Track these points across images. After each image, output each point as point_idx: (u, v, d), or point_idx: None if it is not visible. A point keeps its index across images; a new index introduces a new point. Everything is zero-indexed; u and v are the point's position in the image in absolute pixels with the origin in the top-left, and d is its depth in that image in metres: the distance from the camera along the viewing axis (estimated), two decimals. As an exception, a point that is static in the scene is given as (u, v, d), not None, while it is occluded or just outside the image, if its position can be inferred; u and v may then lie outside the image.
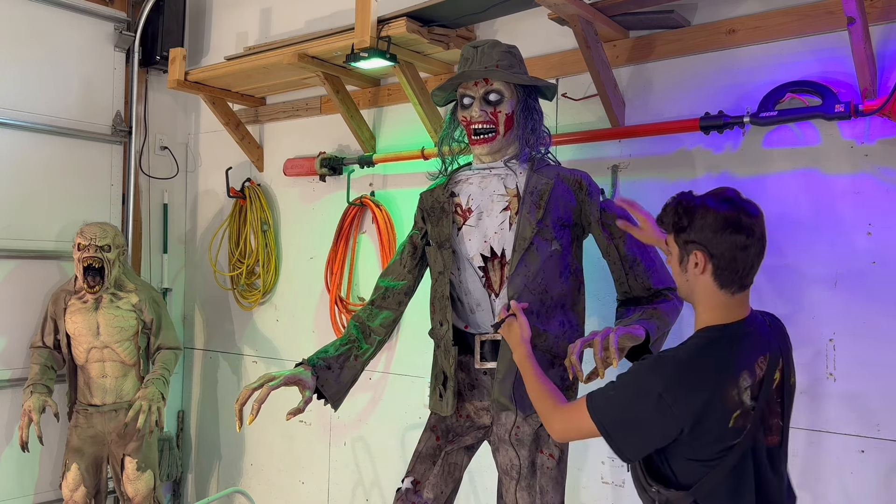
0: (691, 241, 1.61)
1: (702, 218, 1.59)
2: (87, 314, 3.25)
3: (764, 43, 2.33)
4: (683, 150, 2.48)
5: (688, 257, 1.63)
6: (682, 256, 1.65)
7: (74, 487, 3.25)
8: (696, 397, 1.53)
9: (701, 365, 1.57)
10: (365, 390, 3.29)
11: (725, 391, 1.54)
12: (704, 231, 1.58)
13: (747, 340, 1.61)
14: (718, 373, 1.56)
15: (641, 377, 1.60)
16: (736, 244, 1.57)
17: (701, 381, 1.54)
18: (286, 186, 3.65)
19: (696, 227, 1.60)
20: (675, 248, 1.66)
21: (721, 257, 1.58)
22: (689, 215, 1.61)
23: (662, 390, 1.54)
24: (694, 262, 1.61)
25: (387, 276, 2.34)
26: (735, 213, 1.58)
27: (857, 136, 2.18)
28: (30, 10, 3.51)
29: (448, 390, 2.16)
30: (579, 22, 2.34)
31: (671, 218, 1.66)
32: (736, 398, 1.55)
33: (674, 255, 1.67)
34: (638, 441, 1.61)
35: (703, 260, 1.60)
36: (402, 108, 3.19)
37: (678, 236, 1.64)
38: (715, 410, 1.54)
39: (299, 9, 3.55)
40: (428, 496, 2.16)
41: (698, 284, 1.63)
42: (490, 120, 2.13)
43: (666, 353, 1.62)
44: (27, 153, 3.50)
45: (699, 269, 1.61)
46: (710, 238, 1.58)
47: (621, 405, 1.61)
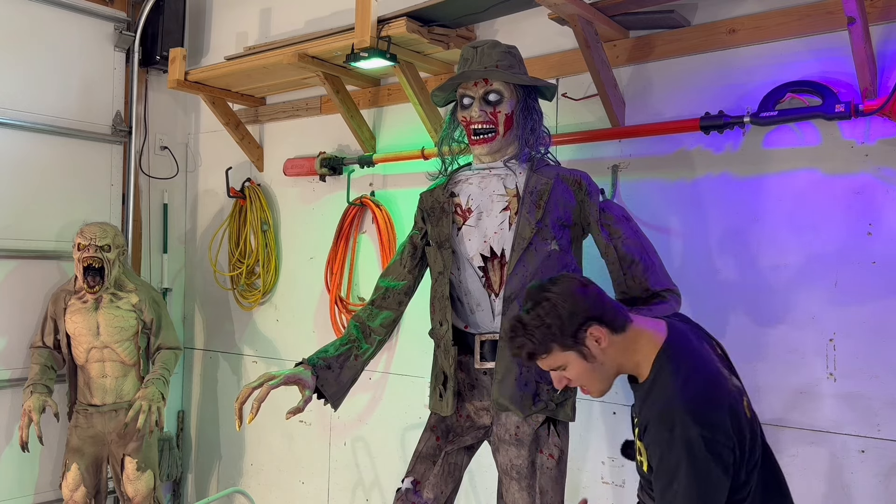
0: (579, 325, 1.52)
1: (571, 305, 1.52)
2: (87, 314, 3.25)
3: (764, 43, 2.33)
4: (683, 150, 2.48)
5: (586, 347, 1.54)
6: (581, 352, 1.54)
7: (74, 487, 3.25)
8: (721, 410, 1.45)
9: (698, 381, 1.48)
10: (365, 390, 3.29)
11: (727, 387, 1.49)
12: (583, 311, 1.52)
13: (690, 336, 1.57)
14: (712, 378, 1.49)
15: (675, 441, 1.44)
16: (596, 295, 1.53)
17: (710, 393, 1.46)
18: (286, 186, 3.65)
19: (576, 312, 1.52)
20: (569, 354, 1.54)
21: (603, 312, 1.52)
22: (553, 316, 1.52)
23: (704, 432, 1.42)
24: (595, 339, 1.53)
25: (387, 276, 2.34)
26: (560, 282, 1.54)
27: (857, 136, 2.18)
28: (30, 10, 3.51)
29: (448, 390, 2.16)
30: (579, 22, 2.34)
31: (538, 339, 1.54)
32: (736, 385, 1.51)
33: (573, 363, 1.55)
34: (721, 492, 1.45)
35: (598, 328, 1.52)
36: (402, 108, 3.19)
37: (557, 344, 1.53)
38: (736, 409, 1.47)
39: (299, 9, 3.55)
40: (428, 496, 2.16)
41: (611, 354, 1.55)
42: (490, 120, 2.13)
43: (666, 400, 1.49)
44: (27, 153, 3.50)
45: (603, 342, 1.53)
46: (581, 308, 1.51)
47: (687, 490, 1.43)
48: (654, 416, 1.51)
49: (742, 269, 2.36)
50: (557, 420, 2.11)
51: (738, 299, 2.36)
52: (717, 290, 2.39)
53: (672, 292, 2.11)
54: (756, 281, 2.33)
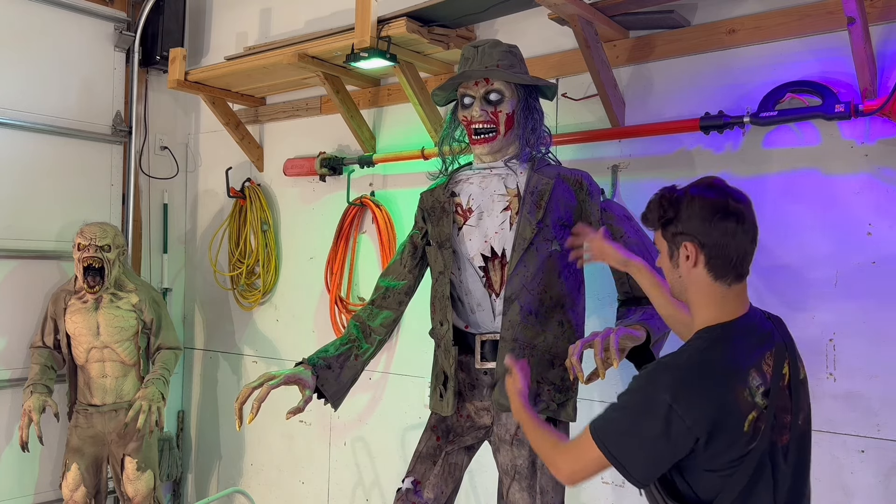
0: (679, 232, 1.52)
1: (688, 207, 1.51)
2: (87, 314, 3.25)
3: (764, 43, 2.33)
4: (683, 150, 2.48)
5: (678, 251, 1.54)
6: (671, 251, 1.56)
7: (74, 487, 3.25)
8: (709, 403, 1.44)
9: (707, 368, 1.47)
10: (365, 390, 3.29)
11: (737, 393, 1.46)
12: (692, 220, 1.50)
13: (751, 337, 1.53)
14: (726, 374, 1.47)
15: (645, 390, 1.48)
16: (727, 231, 1.49)
17: (710, 386, 1.45)
18: (286, 186, 3.64)
19: (683, 218, 1.51)
20: (664, 243, 1.57)
21: (713, 246, 1.49)
22: (675, 206, 1.53)
23: (672, 401, 1.43)
24: (685, 255, 1.52)
25: (387, 275, 2.34)
26: (723, 199, 1.50)
27: (857, 136, 2.18)
28: (30, 10, 3.51)
29: (448, 390, 2.16)
30: (579, 22, 2.34)
31: (656, 212, 1.57)
32: (749, 399, 1.46)
33: (663, 251, 1.58)
34: (651, 461, 1.48)
35: (695, 251, 1.51)
36: (402, 108, 3.19)
37: (665, 230, 1.55)
38: (729, 415, 1.45)
39: (299, 9, 3.55)
40: (428, 496, 2.16)
41: (692, 279, 1.54)
42: (490, 120, 2.13)
43: (665, 360, 1.52)
44: (27, 153, 3.50)
45: (691, 261, 1.52)
46: (699, 227, 1.49)
47: (627, 425, 1.49)
48: (661, 360, 1.53)
49: (742, 269, 2.35)
50: (558, 420, 2.11)
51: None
52: (718, 290, 2.39)
53: (674, 292, 2.12)
54: (756, 281, 2.33)
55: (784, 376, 1.53)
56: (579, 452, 1.55)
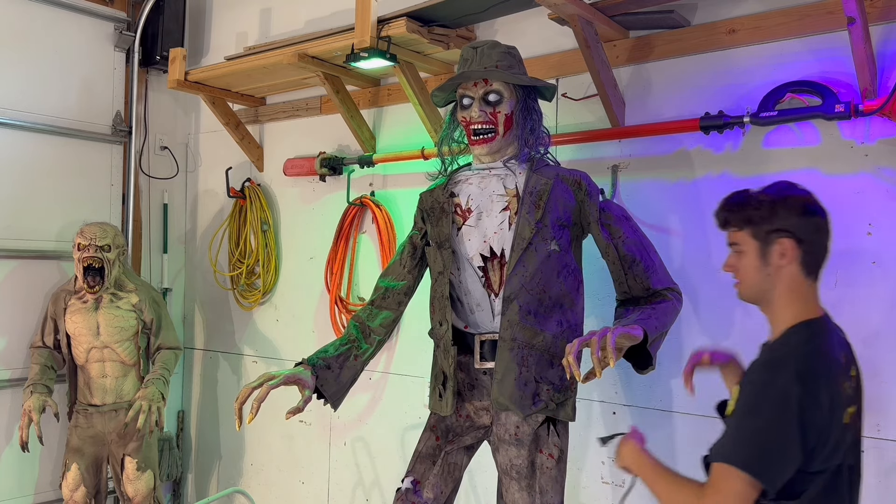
0: (776, 229, 1.52)
1: (784, 204, 1.52)
2: (87, 314, 3.25)
3: (764, 43, 2.33)
4: (683, 150, 2.48)
5: (770, 249, 1.53)
6: (762, 250, 1.55)
7: (74, 487, 3.25)
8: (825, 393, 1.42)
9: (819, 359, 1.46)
10: (365, 390, 3.29)
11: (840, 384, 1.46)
12: (790, 217, 1.51)
13: (835, 335, 1.54)
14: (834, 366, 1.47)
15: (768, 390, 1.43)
16: (819, 226, 1.53)
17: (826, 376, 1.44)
18: (286, 186, 3.65)
19: (780, 215, 1.52)
20: (752, 243, 1.55)
21: (808, 242, 1.52)
22: (770, 205, 1.54)
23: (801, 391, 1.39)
24: (780, 252, 1.52)
25: (387, 276, 2.34)
26: (811, 196, 1.54)
27: (857, 136, 2.18)
28: (30, 10, 3.51)
29: (448, 390, 2.16)
30: (579, 22, 2.34)
31: (744, 212, 1.56)
32: (849, 392, 1.47)
33: (748, 252, 1.56)
34: (790, 461, 1.42)
35: (791, 247, 1.51)
36: (402, 108, 3.19)
37: (758, 228, 1.54)
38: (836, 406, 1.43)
39: (299, 9, 3.55)
40: (428, 496, 2.16)
41: (782, 276, 1.53)
42: (489, 120, 2.13)
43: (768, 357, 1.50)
44: (27, 153, 3.50)
45: (786, 258, 1.52)
46: (797, 223, 1.51)
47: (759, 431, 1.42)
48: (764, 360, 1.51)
49: (742, 269, 2.35)
50: (557, 420, 2.11)
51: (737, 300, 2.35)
52: (717, 290, 2.39)
53: (674, 291, 2.12)
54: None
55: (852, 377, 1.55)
56: (724, 491, 1.44)
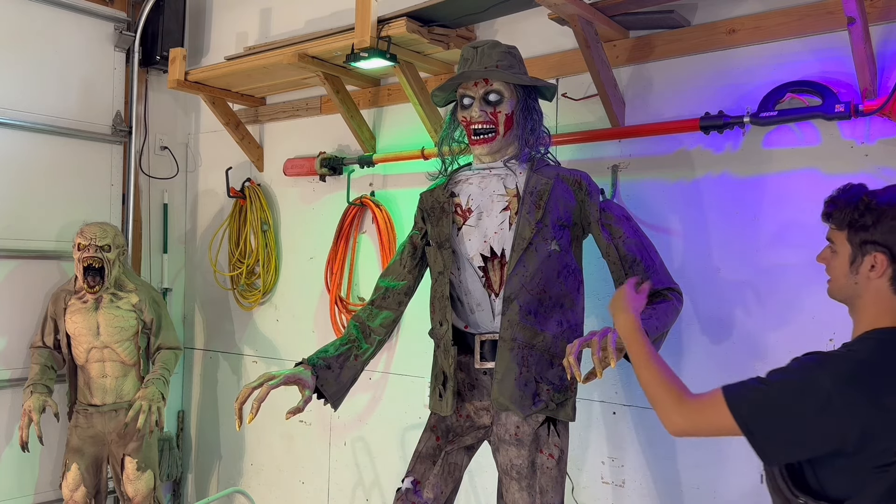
0: (873, 242, 1.47)
1: (892, 219, 1.46)
2: (87, 314, 3.25)
3: (764, 43, 2.33)
4: (683, 150, 2.48)
5: (863, 258, 1.49)
6: (854, 256, 1.51)
7: (74, 487, 3.25)
8: (870, 402, 1.40)
9: (879, 368, 1.43)
10: (365, 390, 3.29)
11: None
12: (892, 233, 1.46)
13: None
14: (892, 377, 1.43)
15: (806, 372, 1.43)
16: None
17: (879, 386, 1.41)
18: (286, 186, 3.65)
19: (882, 229, 1.46)
20: (847, 246, 1.52)
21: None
22: (875, 214, 1.47)
23: (833, 390, 1.38)
24: (870, 265, 1.48)
25: (387, 276, 2.34)
26: None
27: (857, 136, 2.18)
28: (30, 10, 3.51)
29: (448, 390, 2.16)
30: (579, 22, 2.34)
31: (848, 213, 1.51)
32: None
33: (841, 253, 1.53)
34: (790, 443, 1.43)
35: (884, 264, 1.47)
36: (402, 108, 3.19)
37: (855, 235, 1.50)
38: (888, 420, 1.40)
39: (299, 9, 3.55)
40: (428, 496, 2.16)
41: (869, 288, 1.50)
42: (490, 120, 2.13)
43: (832, 352, 1.48)
44: (27, 153, 3.50)
45: (876, 272, 1.48)
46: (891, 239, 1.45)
47: (775, 401, 1.43)
48: (815, 354, 1.49)
49: (742, 270, 2.36)
50: (557, 420, 2.11)
51: (738, 299, 2.36)
52: (717, 290, 2.39)
53: (674, 291, 2.12)
54: (756, 281, 2.33)
55: None
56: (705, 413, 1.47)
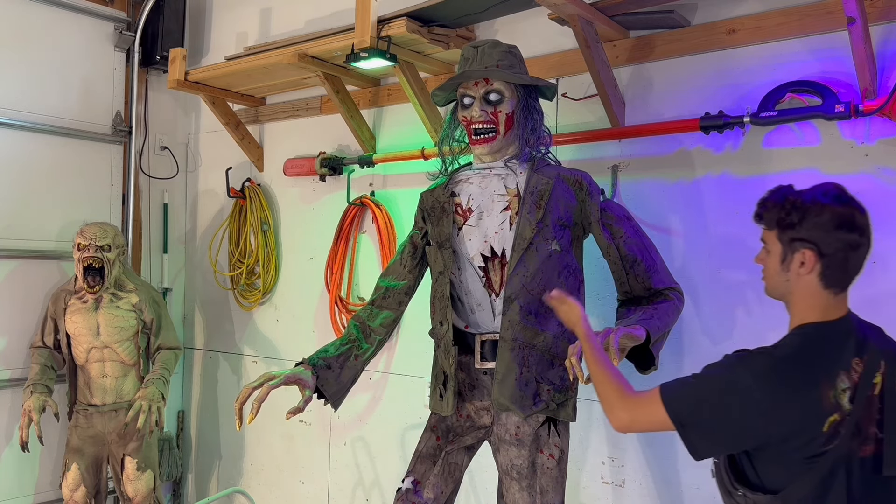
0: (800, 239, 1.51)
1: (815, 216, 1.49)
2: (87, 314, 3.25)
3: (764, 43, 2.33)
4: (683, 150, 2.48)
5: (792, 256, 1.53)
6: (785, 255, 1.54)
7: (74, 487, 3.25)
8: (792, 397, 1.44)
9: (799, 363, 1.48)
10: (365, 390, 3.29)
11: (822, 392, 1.45)
12: (816, 230, 1.49)
13: (845, 340, 1.53)
14: (816, 372, 1.47)
15: (732, 370, 1.49)
16: (849, 244, 1.48)
17: (798, 380, 1.45)
18: (286, 186, 3.65)
19: (807, 225, 1.50)
20: (777, 245, 1.55)
21: (832, 257, 1.49)
22: (800, 212, 1.51)
23: (755, 387, 1.44)
24: (800, 262, 1.52)
25: (387, 276, 2.34)
26: (849, 211, 1.50)
27: (857, 136, 2.18)
28: (30, 10, 3.51)
29: (448, 390, 2.16)
30: (579, 22, 2.34)
31: (776, 213, 1.55)
32: (832, 400, 1.46)
33: (773, 253, 1.57)
34: (717, 438, 1.50)
35: (812, 260, 1.50)
36: (402, 108, 3.19)
37: (783, 233, 1.54)
38: (810, 412, 1.44)
39: (299, 9, 3.55)
40: (428, 496, 2.16)
41: (800, 284, 1.53)
42: (490, 120, 2.13)
43: (760, 348, 1.52)
44: (27, 153, 3.50)
45: (805, 268, 1.51)
46: (823, 237, 1.49)
47: (703, 397, 1.50)
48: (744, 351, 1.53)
49: (742, 269, 2.36)
50: (558, 420, 2.11)
51: (739, 299, 2.36)
52: (718, 290, 2.40)
53: (675, 290, 2.12)
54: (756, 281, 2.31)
55: (874, 385, 1.52)
56: (644, 408, 1.55)
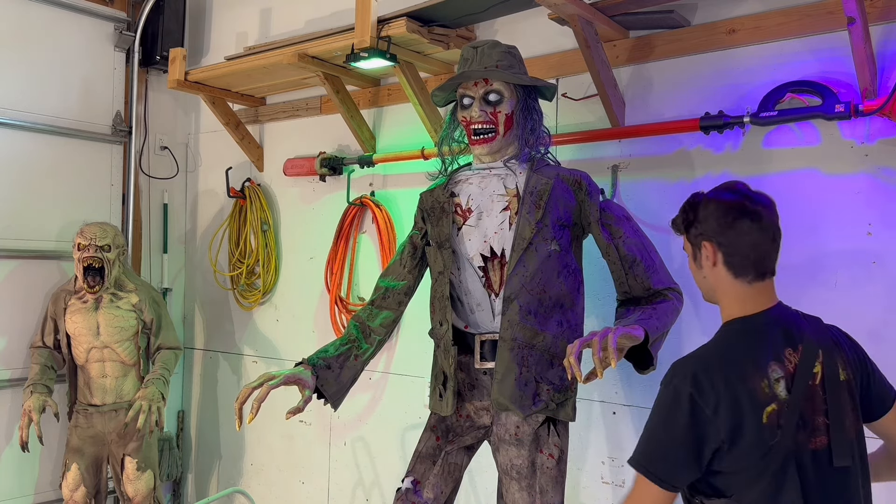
0: (699, 233, 1.61)
1: (705, 209, 1.60)
2: (87, 314, 3.25)
3: (764, 43, 2.33)
4: (683, 150, 2.48)
5: (699, 252, 1.62)
6: (694, 253, 1.64)
7: (74, 487, 3.25)
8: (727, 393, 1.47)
9: (726, 358, 1.52)
10: (365, 390, 3.29)
11: (754, 383, 1.48)
12: (709, 221, 1.59)
13: (773, 330, 1.56)
14: (743, 363, 1.50)
15: (669, 385, 1.53)
16: (741, 230, 1.56)
17: (728, 374, 1.48)
18: (286, 186, 3.65)
19: (701, 219, 1.60)
20: (689, 246, 1.65)
21: (729, 245, 1.56)
22: (695, 209, 1.62)
23: (693, 392, 1.48)
24: (705, 255, 1.60)
25: (387, 276, 2.34)
26: (738, 201, 1.58)
27: (857, 136, 2.18)
28: (30, 10, 3.51)
29: (448, 390, 2.16)
30: (579, 22, 2.34)
31: (680, 217, 1.66)
32: (766, 390, 1.48)
33: (689, 255, 1.66)
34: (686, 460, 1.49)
35: (712, 250, 1.59)
36: (402, 108, 3.19)
37: (688, 233, 1.64)
38: (747, 405, 1.47)
39: (299, 9, 3.55)
40: (428, 496, 2.16)
41: (714, 278, 1.61)
42: (490, 120, 2.13)
43: (689, 354, 1.57)
44: (27, 153, 3.50)
45: (710, 260, 1.60)
46: (715, 227, 1.58)
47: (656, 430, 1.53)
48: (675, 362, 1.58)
49: (742, 269, 2.35)
50: (557, 420, 2.11)
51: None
52: (717, 290, 2.39)
53: (674, 291, 2.12)
54: (756, 281, 2.33)
55: (814, 375, 1.54)
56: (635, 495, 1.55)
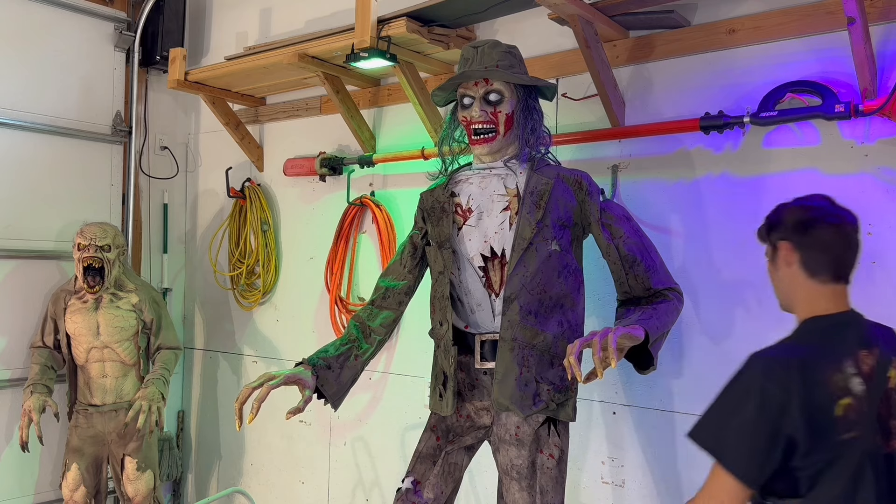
0: (779, 237, 1.66)
1: (787, 214, 1.66)
2: (87, 314, 3.25)
3: (764, 43, 2.33)
4: (683, 150, 2.48)
5: (777, 253, 1.66)
6: (773, 255, 1.68)
7: (74, 487, 3.25)
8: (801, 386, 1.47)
9: (801, 352, 1.53)
10: (365, 390, 3.29)
11: (828, 376, 1.50)
12: (789, 224, 1.64)
13: (847, 332, 1.59)
14: (819, 358, 1.52)
15: (740, 376, 1.54)
16: (820, 233, 1.60)
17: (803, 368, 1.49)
18: (286, 186, 3.65)
19: (782, 223, 1.65)
20: (769, 250, 1.70)
21: (806, 246, 1.61)
22: (778, 213, 1.68)
23: (764, 383, 1.49)
24: (783, 256, 1.65)
25: (387, 276, 2.34)
26: (820, 206, 1.63)
27: (857, 136, 2.18)
28: (30, 10, 3.51)
29: (448, 390, 2.16)
30: (579, 22, 2.34)
31: (765, 222, 1.71)
32: (841, 383, 1.50)
33: (769, 258, 1.70)
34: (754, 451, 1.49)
35: (789, 249, 1.63)
36: (402, 108, 3.19)
37: (770, 236, 1.69)
38: (820, 398, 1.47)
39: (299, 9, 3.55)
40: (428, 496, 2.17)
41: (791, 279, 1.64)
42: (490, 120, 2.13)
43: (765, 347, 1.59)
44: (27, 153, 3.50)
45: (787, 260, 1.64)
46: (794, 228, 1.63)
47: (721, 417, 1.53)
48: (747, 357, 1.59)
49: (742, 269, 2.36)
50: (558, 420, 2.11)
51: (739, 299, 2.36)
52: (718, 290, 2.40)
53: (674, 291, 2.12)
54: (756, 281, 2.33)
55: (888, 379, 1.58)
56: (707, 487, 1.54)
